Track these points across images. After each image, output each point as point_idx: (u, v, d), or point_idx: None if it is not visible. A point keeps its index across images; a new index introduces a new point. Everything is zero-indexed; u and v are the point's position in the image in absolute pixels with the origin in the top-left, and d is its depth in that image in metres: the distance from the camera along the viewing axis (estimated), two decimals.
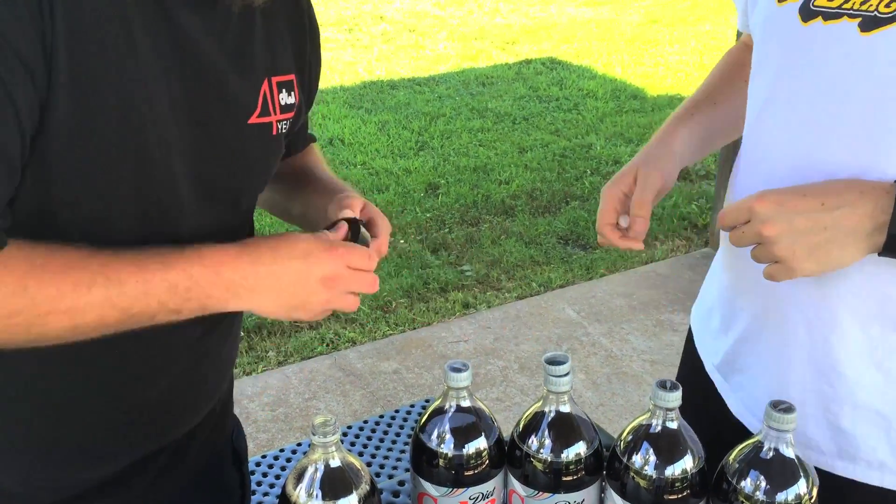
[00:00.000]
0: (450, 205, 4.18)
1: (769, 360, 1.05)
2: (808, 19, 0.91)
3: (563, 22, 7.92)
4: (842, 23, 0.87)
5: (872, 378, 0.95)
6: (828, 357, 0.97)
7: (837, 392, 0.97)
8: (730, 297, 1.12)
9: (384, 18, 8.20)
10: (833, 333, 0.95)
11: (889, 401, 0.95)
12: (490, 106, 5.58)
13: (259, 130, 0.94)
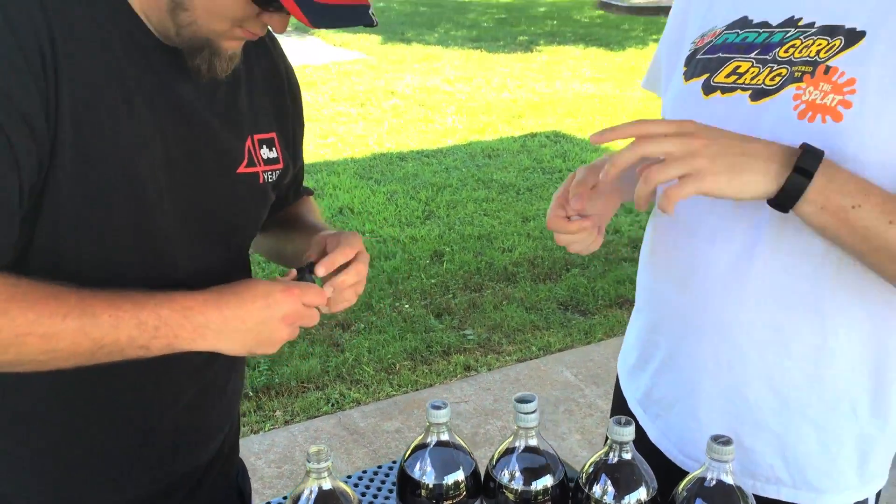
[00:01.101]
0: (454, 271, 4.33)
1: (681, 388, 1.17)
2: (709, 93, 1.07)
3: (567, 97, 8.20)
4: (735, 95, 1.03)
5: (769, 401, 1.08)
6: (732, 382, 1.10)
7: (740, 414, 1.10)
8: (646, 335, 1.25)
9: (395, 93, 8.50)
10: (736, 360, 1.08)
11: (784, 422, 1.08)
12: (495, 177, 5.78)
13: (247, 179, 1.09)
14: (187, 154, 1.00)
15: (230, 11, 0.92)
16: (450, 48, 11.45)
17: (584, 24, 13.99)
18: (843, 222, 0.91)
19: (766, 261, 1.03)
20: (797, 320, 1.04)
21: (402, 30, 12.74)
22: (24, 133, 0.85)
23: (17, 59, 0.84)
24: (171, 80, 0.98)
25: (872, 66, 0.92)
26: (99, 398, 1.04)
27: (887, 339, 1.04)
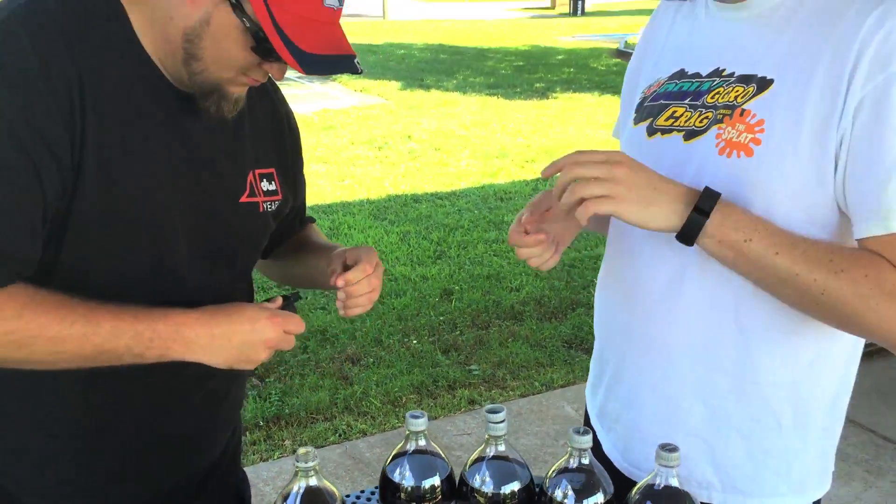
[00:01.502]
0: (462, 309, 4.46)
1: (626, 401, 1.29)
2: (651, 135, 1.22)
3: (580, 142, 8.37)
4: (672, 136, 1.18)
5: (700, 411, 1.19)
6: (668, 394, 1.22)
7: (675, 423, 1.21)
8: (600, 354, 1.38)
9: (412, 137, 8.73)
10: (671, 374, 1.20)
11: (713, 431, 1.19)
12: (507, 219, 5.92)
13: (248, 208, 1.23)
14: (196, 185, 1.15)
15: (236, 61, 1.07)
16: (467, 94, 11.72)
17: (601, 71, 14.24)
18: (738, 254, 1.05)
19: (695, 283, 1.15)
20: (722, 337, 1.16)
21: (422, 76, 13.04)
22: (50, 165, 1.00)
23: (49, 100, 0.99)
24: (182, 119, 1.13)
25: (778, 109, 1.06)
26: (116, 401, 1.17)
27: (804, 355, 1.15)
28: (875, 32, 0.99)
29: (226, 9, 1.03)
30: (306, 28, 1.03)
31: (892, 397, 3.45)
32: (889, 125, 0.99)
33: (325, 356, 3.94)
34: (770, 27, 1.12)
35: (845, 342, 1.18)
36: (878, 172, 1.00)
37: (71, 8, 1.05)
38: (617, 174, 1.04)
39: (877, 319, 1.02)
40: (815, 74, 1.04)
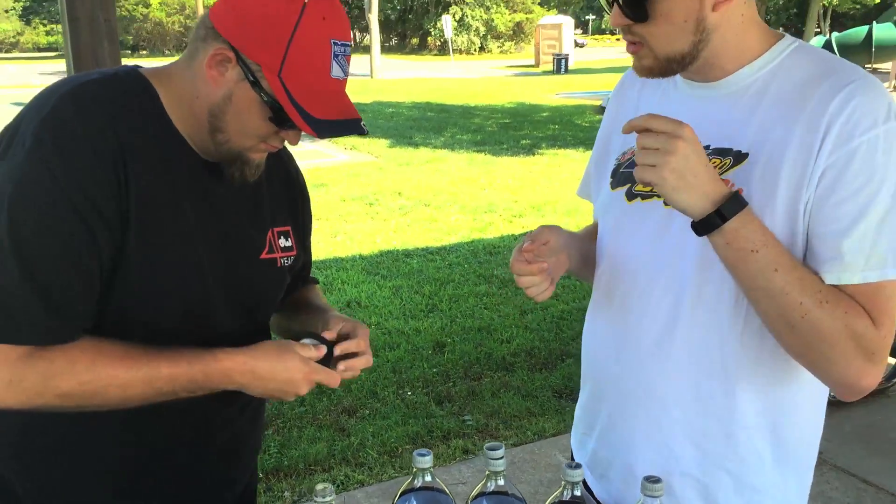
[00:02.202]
0: (455, 361, 4.57)
1: (620, 447, 1.38)
2: (631, 199, 1.33)
3: (567, 198, 8.58)
4: (652, 201, 1.29)
5: (692, 453, 1.29)
6: (661, 439, 1.31)
7: (668, 466, 1.30)
8: (591, 404, 1.47)
9: (402, 194, 8.92)
10: (663, 420, 1.30)
11: (705, 471, 1.29)
12: (496, 273, 6.07)
13: (268, 264, 1.36)
14: (222, 244, 1.28)
15: (256, 131, 1.22)
16: (455, 151, 11.98)
17: (585, 128, 14.57)
18: (742, 261, 1.14)
19: (684, 337, 1.26)
20: (711, 385, 1.27)
21: (411, 134, 13.31)
22: (102, 229, 1.13)
23: (98, 172, 1.13)
24: (208, 184, 1.27)
25: (754, 179, 1.18)
26: (157, 436, 1.29)
27: (782, 398, 1.27)
28: (842, 111, 1.12)
29: (245, 86, 1.17)
30: (317, 98, 1.18)
31: (871, 443, 3.57)
32: (846, 192, 1.11)
33: (322, 408, 4.03)
34: (741, 105, 1.23)
35: (814, 389, 1.29)
36: (834, 232, 1.13)
37: (112, 88, 1.20)
38: (674, 146, 1.11)
39: (838, 356, 1.13)
40: (787, 149, 1.16)
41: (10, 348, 1.10)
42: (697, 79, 1.28)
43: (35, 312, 1.10)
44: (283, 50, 1.14)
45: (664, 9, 1.17)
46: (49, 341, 1.12)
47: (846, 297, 1.14)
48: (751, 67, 1.24)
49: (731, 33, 1.22)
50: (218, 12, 1.18)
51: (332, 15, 1.18)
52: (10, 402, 1.12)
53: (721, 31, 1.21)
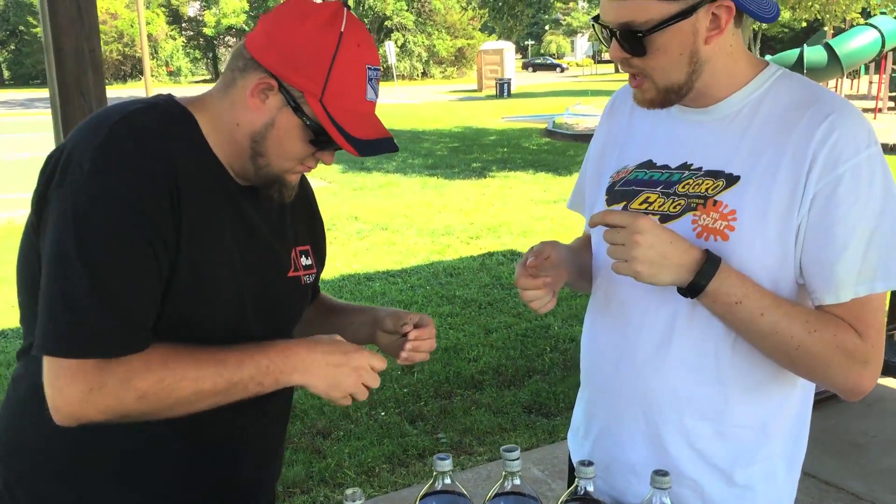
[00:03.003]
0: (425, 381, 4.63)
1: (618, 449, 1.46)
2: None
3: (521, 219, 8.75)
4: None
5: (689, 455, 1.38)
6: (658, 441, 1.40)
7: (665, 465, 1.37)
8: (589, 408, 1.55)
9: (359, 218, 8.97)
10: (660, 423, 1.39)
11: (700, 473, 1.38)
12: (458, 293, 6.17)
13: (294, 281, 1.43)
14: (256, 263, 1.35)
15: (295, 153, 1.29)
16: (408, 175, 12.08)
17: (533, 150, 14.83)
18: (729, 313, 1.27)
19: (680, 346, 1.35)
20: (705, 389, 1.36)
21: (362, 159, 13.37)
22: (162, 250, 1.19)
23: (157, 196, 1.19)
24: (244, 209, 1.34)
25: (747, 201, 1.28)
26: (191, 452, 1.33)
27: (771, 401, 1.38)
28: (826, 140, 1.24)
29: (288, 111, 1.25)
30: (355, 119, 1.26)
31: (829, 445, 3.74)
32: (836, 216, 1.23)
33: (297, 431, 4.05)
34: (731, 130, 1.32)
35: (801, 389, 1.41)
36: (828, 254, 1.24)
37: (159, 117, 1.26)
38: (635, 240, 1.22)
39: (836, 372, 1.26)
40: (778, 172, 1.25)
41: (84, 362, 1.13)
42: (689, 105, 1.37)
43: (110, 325, 1.14)
44: (325, 76, 1.22)
45: (661, 43, 1.26)
46: (125, 352, 1.16)
47: (832, 319, 1.26)
48: (740, 94, 1.34)
49: (721, 63, 1.32)
50: (256, 44, 1.26)
51: (365, 41, 1.26)
52: (91, 414, 1.15)
53: (713, 62, 1.31)
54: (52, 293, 1.14)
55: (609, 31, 1.30)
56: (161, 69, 48.43)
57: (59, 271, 1.14)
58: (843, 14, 14.37)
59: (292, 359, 1.25)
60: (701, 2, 1.24)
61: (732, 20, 1.28)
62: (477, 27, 49.93)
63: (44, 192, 1.19)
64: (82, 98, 2.50)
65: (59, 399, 1.14)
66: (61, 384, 1.13)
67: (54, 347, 1.13)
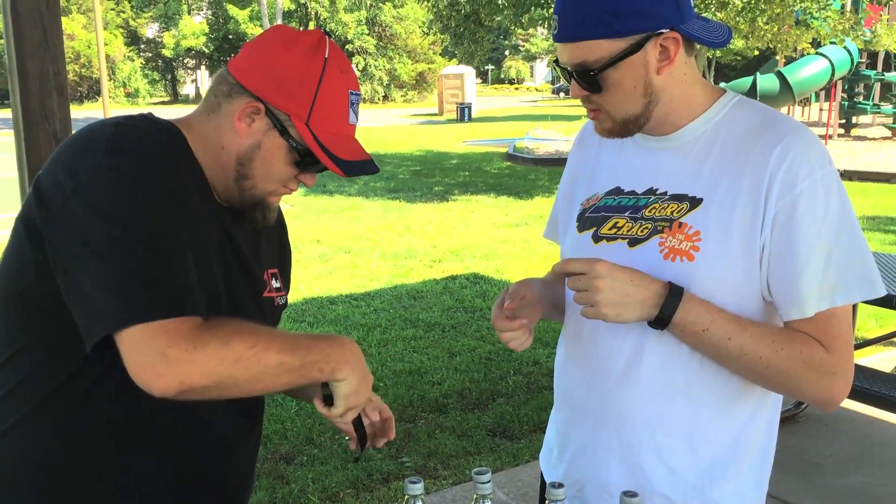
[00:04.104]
0: (388, 404, 4.55)
1: (593, 469, 1.49)
2: (597, 242, 1.45)
3: (483, 242, 8.80)
4: (617, 243, 1.42)
5: (661, 472, 1.41)
6: (632, 460, 1.43)
7: (640, 484, 1.41)
8: (564, 430, 1.57)
9: (321, 241, 8.94)
10: (634, 442, 1.42)
11: (673, 488, 1.41)
12: (421, 317, 6.17)
13: (269, 301, 1.45)
14: (238, 281, 1.36)
15: (280, 175, 1.32)
16: (370, 198, 12.08)
17: (494, 174, 14.94)
18: (698, 340, 1.32)
19: (649, 366, 1.39)
20: (676, 407, 1.40)
21: (324, 182, 13.35)
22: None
23: (174, 196, 1.20)
24: (227, 228, 1.35)
25: (710, 222, 1.34)
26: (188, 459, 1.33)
27: (740, 414, 1.42)
28: (782, 162, 1.30)
29: (274, 134, 1.28)
30: (339, 142, 1.30)
31: (788, 464, 3.81)
32: (797, 235, 1.28)
33: (259, 456, 3.99)
34: (693, 156, 1.38)
35: (769, 403, 1.45)
36: (791, 271, 1.29)
37: (152, 124, 1.27)
38: (596, 286, 1.29)
39: (807, 385, 1.32)
40: (738, 194, 1.31)
41: (183, 320, 1.12)
42: (652, 133, 1.43)
43: (183, 285, 1.15)
44: (311, 100, 1.26)
45: (614, 79, 1.33)
46: (204, 312, 1.16)
47: (797, 336, 1.32)
48: (699, 121, 1.40)
49: (677, 91, 1.38)
50: (241, 69, 1.29)
51: (347, 68, 1.31)
52: (195, 376, 1.11)
53: (668, 91, 1.37)
54: (115, 269, 1.12)
55: (567, 72, 1.37)
56: (119, 90, 47.86)
57: (114, 249, 1.12)
58: (793, 44, 14.78)
59: (345, 350, 1.25)
60: (646, 37, 1.31)
61: (682, 50, 1.34)
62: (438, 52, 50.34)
63: (47, 203, 1.17)
64: (46, 121, 2.48)
65: (162, 362, 1.10)
66: (163, 346, 1.10)
67: (147, 312, 1.11)
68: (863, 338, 5.46)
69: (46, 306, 1.21)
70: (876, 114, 20.61)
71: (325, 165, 1.28)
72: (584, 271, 1.31)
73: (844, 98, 20.35)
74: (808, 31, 13.61)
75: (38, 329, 1.24)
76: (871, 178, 13.58)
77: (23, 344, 1.26)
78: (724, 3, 12.08)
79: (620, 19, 1.29)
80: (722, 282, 1.33)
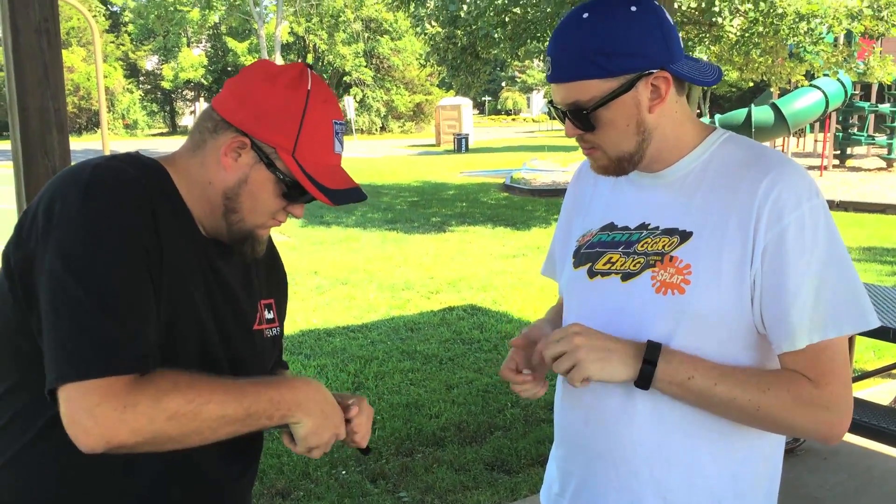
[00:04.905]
0: (386, 438, 4.59)
1: (593, 503, 1.49)
2: (592, 277, 1.47)
3: (481, 274, 8.81)
4: (611, 278, 1.44)
5: None
6: (630, 495, 1.43)
7: None
8: (564, 466, 1.57)
9: (318, 273, 8.94)
10: (632, 477, 1.43)
11: None
12: (418, 349, 6.16)
13: (259, 334, 1.45)
14: (226, 314, 1.36)
15: (268, 208, 1.33)
16: (368, 229, 12.10)
17: (491, 205, 14.99)
18: (685, 390, 1.33)
19: (645, 398, 1.39)
20: (673, 441, 1.40)
21: (321, 213, 13.38)
22: (152, 281, 1.20)
23: (145, 232, 1.20)
24: (213, 260, 1.35)
25: (700, 255, 1.36)
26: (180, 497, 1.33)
27: (740, 448, 1.42)
28: (768, 196, 1.31)
29: (261, 167, 1.30)
30: (325, 171, 1.32)
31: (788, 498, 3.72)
32: (786, 267, 1.30)
33: (255, 492, 3.97)
34: (683, 191, 1.41)
35: (770, 438, 1.44)
36: (782, 303, 1.30)
37: (134, 165, 1.28)
38: (576, 343, 1.32)
39: (802, 422, 1.32)
40: (727, 228, 1.34)
41: (116, 379, 1.13)
42: (644, 170, 1.46)
43: (132, 343, 1.15)
44: (296, 132, 1.29)
45: (607, 118, 1.36)
46: (147, 368, 1.16)
47: (783, 374, 1.33)
48: (689, 158, 1.43)
49: (669, 129, 1.41)
50: (226, 106, 1.31)
51: (330, 98, 1.34)
52: (123, 435, 1.12)
53: (661, 129, 1.40)
54: (65, 323, 1.13)
55: (561, 112, 1.40)
56: (118, 122, 48.10)
57: (67, 301, 1.14)
58: (788, 76, 14.94)
59: (298, 394, 1.27)
60: (637, 76, 1.33)
61: (673, 88, 1.37)
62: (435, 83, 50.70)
63: (23, 243, 1.19)
64: (46, 157, 2.50)
65: (90, 420, 1.11)
66: (92, 404, 1.11)
67: (83, 370, 1.12)
68: (861, 370, 5.45)
69: (30, 349, 1.22)
70: (870, 145, 20.73)
71: (313, 195, 1.30)
72: (559, 337, 1.34)
73: (839, 129, 20.49)
74: (802, 64, 13.76)
75: (29, 366, 1.24)
76: (867, 208, 13.64)
77: (15, 380, 1.27)
78: (718, 37, 12.23)
79: (611, 60, 1.32)
80: (713, 315, 1.34)
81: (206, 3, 46.56)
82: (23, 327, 1.22)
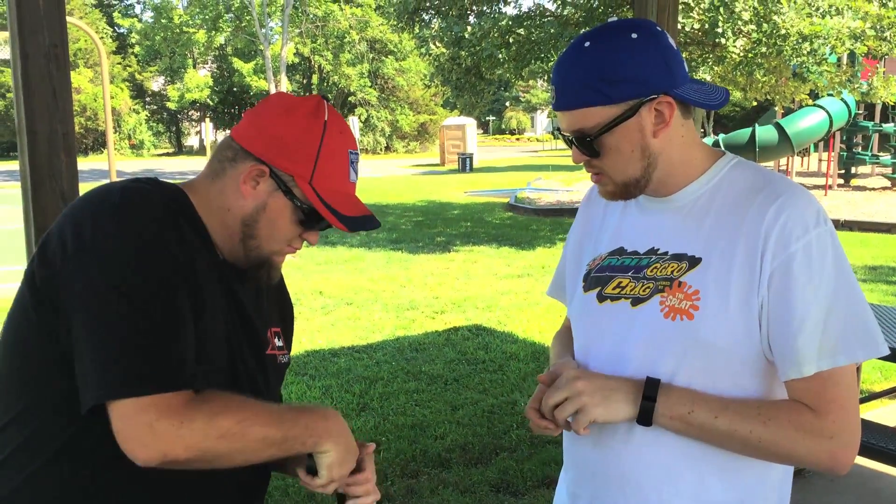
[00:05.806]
0: (391, 459, 4.58)
1: None
2: (601, 301, 1.48)
3: (486, 293, 8.80)
4: (620, 302, 1.45)
5: None
6: None
7: None
8: (573, 489, 1.57)
9: (323, 293, 8.94)
10: (640, 501, 1.43)
11: None
12: (423, 369, 6.15)
13: (271, 358, 1.47)
14: (242, 339, 1.38)
15: (285, 235, 1.37)
16: (373, 249, 12.12)
17: (496, 224, 15.00)
18: (687, 424, 1.34)
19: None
20: (680, 466, 1.40)
21: (326, 233, 13.35)
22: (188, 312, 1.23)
23: (185, 255, 1.24)
24: (230, 285, 1.38)
25: (709, 281, 1.36)
26: None
27: (748, 475, 1.42)
28: (776, 221, 1.32)
29: (279, 195, 1.34)
30: (341, 199, 1.36)
31: None
32: (793, 293, 1.30)
33: None
34: (692, 216, 1.41)
35: (780, 466, 1.44)
36: (788, 330, 1.30)
37: (157, 188, 1.31)
38: (578, 388, 1.35)
39: (804, 452, 1.31)
40: (735, 254, 1.35)
41: (173, 395, 1.16)
42: (653, 195, 1.47)
43: (181, 358, 1.18)
44: (314, 161, 1.33)
45: (612, 143, 1.38)
46: (198, 385, 1.20)
47: (784, 404, 1.33)
48: (697, 183, 1.44)
49: (676, 153, 1.42)
50: (245, 135, 1.35)
51: (346, 129, 1.38)
52: (178, 450, 1.15)
53: (667, 153, 1.41)
54: (115, 341, 1.16)
55: (567, 139, 1.42)
56: (124, 142, 48.35)
57: (116, 319, 1.16)
58: (791, 95, 14.98)
59: (329, 423, 1.30)
60: (639, 102, 1.35)
61: (678, 112, 1.38)
62: (439, 103, 50.94)
63: (48, 262, 1.21)
64: (54, 180, 2.51)
65: (149, 435, 1.14)
66: (151, 419, 1.14)
67: (140, 386, 1.14)
68: (868, 391, 5.43)
69: (50, 368, 1.23)
70: (875, 164, 20.75)
71: (330, 222, 1.33)
72: (560, 385, 1.37)
73: (843, 149, 20.52)
74: (806, 84, 13.80)
75: (42, 390, 1.25)
76: (872, 228, 13.62)
77: (26, 404, 1.27)
78: (722, 58, 12.28)
79: (613, 86, 1.34)
80: (722, 340, 1.34)
81: (212, 24, 46.95)
82: (43, 351, 1.23)
